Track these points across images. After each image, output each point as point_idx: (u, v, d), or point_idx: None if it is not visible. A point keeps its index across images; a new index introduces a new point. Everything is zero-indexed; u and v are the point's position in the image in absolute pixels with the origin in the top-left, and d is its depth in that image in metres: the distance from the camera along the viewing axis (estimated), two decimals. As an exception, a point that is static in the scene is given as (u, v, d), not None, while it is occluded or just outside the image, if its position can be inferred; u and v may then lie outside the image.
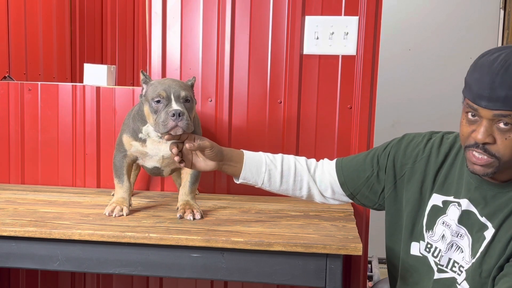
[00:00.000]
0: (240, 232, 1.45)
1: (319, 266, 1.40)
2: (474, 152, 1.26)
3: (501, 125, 1.22)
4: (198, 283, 2.12)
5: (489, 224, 1.31)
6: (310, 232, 1.48)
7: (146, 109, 1.52)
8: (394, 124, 3.56)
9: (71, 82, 2.69)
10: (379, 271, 3.06)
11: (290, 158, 1.57)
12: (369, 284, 2.88)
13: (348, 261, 1.98)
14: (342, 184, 1.55)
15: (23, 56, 2.54)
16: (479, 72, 1.23)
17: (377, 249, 2.74)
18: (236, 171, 1.52)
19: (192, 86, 1.57)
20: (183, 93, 1.48)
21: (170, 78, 1.57)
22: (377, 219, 2.09)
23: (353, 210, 1.76)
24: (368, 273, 2.92)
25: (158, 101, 1.46)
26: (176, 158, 1.45)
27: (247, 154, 1.53)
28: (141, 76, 1.55)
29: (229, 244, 1.39)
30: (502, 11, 3.43)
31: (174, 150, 1.44)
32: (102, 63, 2.96)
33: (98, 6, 2.99)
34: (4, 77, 2.30)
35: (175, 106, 1.44)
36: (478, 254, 1.32)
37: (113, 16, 2.98)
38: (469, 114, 1.26)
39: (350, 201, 1.59)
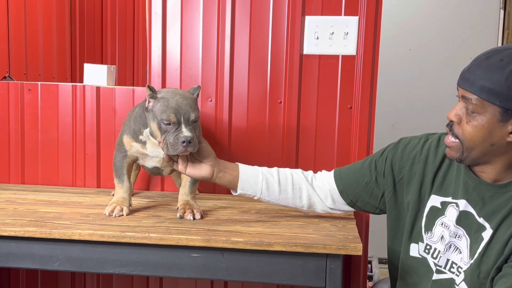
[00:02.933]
0: (240, 232, 1.45)
1: (319, 266, 1.40)
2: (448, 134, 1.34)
3: (468, 109, 1.27)
4: (198, 283, 2.12)
5: (487, 225, 1.32)
6: (310, 232, 1.48)
7: (154, 125, 1.51)
8: (394, 124, 3.56)
9: (71, 82, 2.69)
10: (379, 271, 3.06)
11: (285, 169, 1.59)
12: (369, 284, 2.88)
13: (348, 261, 1.98)
14: (341, 192, 1.56)
15: (23, 56, 2.54)
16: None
17: (377, 249, 2.74)
18: (232, 180, 1.52)
19: (197, 96, 1.57)
20: (192, 116, 1.47)
21: (178, 92, 1.53)
22: (377, 219, 2.09)
23: (353, 210, 1.76)
24: (368, 273, 2.92)
25: (167, 123, 1.46)
26: (170, 163, 1.52)
27: (242, 165, 1.56)
28: (148, 91, 1.51)
29: (229, 244, 1.39)
30: (502, 11, 3.43)
31: (170, 163, 1.52)
32: (102, 63, 2.96)
33: (98, 6, 2.99)
34: (4, 77, 2.30)
35: (185, 132, 1.44)
36: (476, 255, 1.32)
37: (113, 16, 2.98)
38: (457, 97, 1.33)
39: (351, 209, 1.60)
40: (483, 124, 1.25)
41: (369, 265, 3.11)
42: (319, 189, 1.57)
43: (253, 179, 1.53)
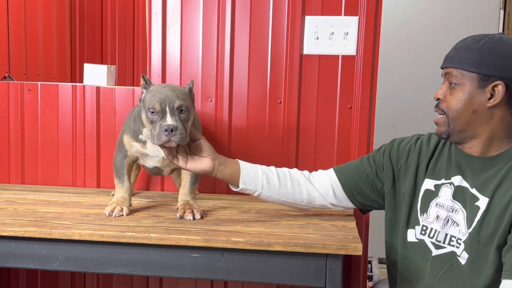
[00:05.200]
0: (240, 232, 1.45)
1: (319, 266, 1.40)
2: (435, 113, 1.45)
3: (451, 83, 1.39)
4: (198, 283, 2.12)
5: (479, 195, 1.39)
6: (310, 232, 1.48)
7: (144, 117, 1.52)
8: (394, 124, 3.56)
9: (71, 82, 2.69)
10: (379, 271, 3.06)
11: (283, 168, 1.62)
12: (369, 284, 2.88)
13: (348, 261, 1.98)
14: (343, 184, 1.60)
15: (23, 56, 2.54)
16: None
17: (377, 249, 2.74)
18: (233, 173, 1.53)
19: (190, 90, 1.56)
20: (177, 104, 1.46)
21: (169, 85, 1.53)
22: (377, 219, 2.09)
23: (353, 210, 1.76)
24: (368, 273, 2.92)
25: (153, 112, 1.46)
26: (170, 157, 1.50)
27: (241, 161, 1.58)
28: (141, 81, 1.53)
29: (229, 244, 1.39)
30: (502, 11, 3.42)
31: (170, 157, 1.49)
32: (102, 63, 2.96)
33: (98, 6, 2.99)
34: (4, 77, 2.30)
35: (169, 120, 1.43)
36: (474, 223, 1.38)
37: (113, 16, 2.98)
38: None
39: (351, 206, 1.63)
40: (464, 92, 1.37)
41: (369, 265, 3.11)
42: (318, 184, 1.60)
43: (253, 173, 1.55)
